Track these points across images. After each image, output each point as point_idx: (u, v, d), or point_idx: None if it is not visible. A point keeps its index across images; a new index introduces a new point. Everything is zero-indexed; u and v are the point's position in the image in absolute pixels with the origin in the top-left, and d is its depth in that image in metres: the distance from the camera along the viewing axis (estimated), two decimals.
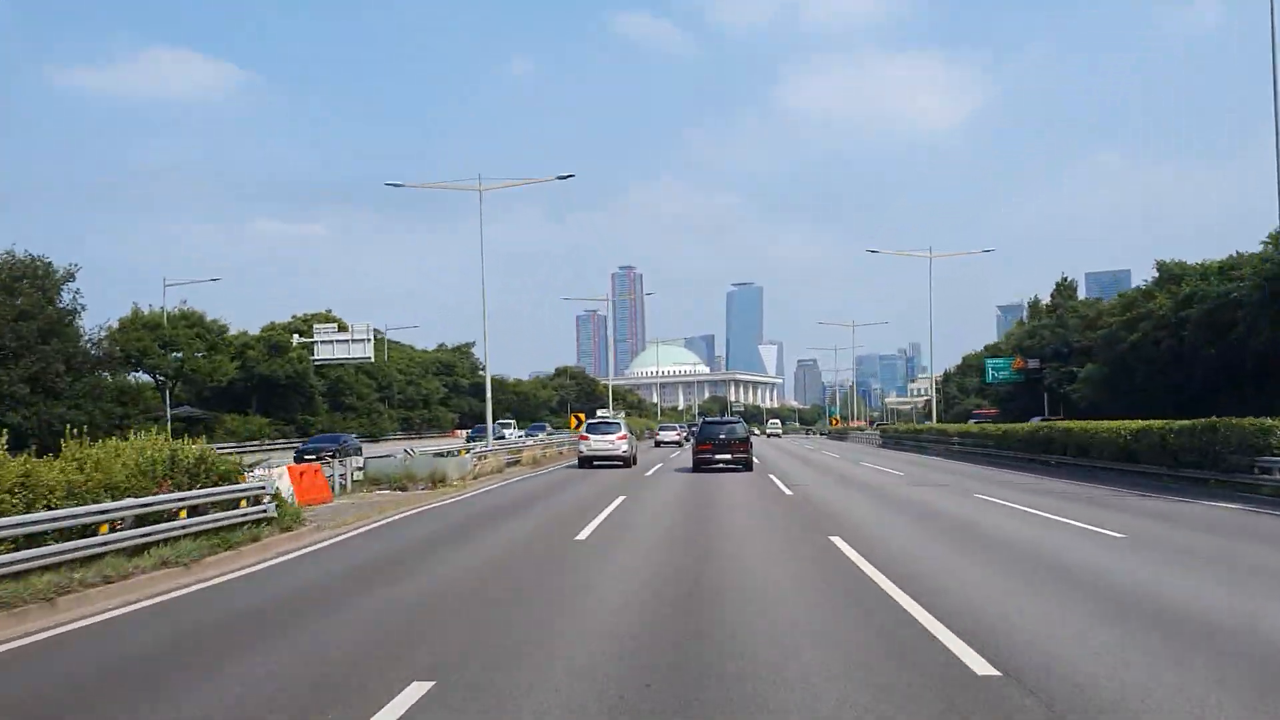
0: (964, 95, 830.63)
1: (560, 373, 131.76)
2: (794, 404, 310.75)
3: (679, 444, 59.76)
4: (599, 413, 55.10)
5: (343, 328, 63.21)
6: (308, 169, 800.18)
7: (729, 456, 29.98)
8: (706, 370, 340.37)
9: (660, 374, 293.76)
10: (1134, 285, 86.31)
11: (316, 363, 63.05)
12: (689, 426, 76.21)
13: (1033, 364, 71.31)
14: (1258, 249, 40.81)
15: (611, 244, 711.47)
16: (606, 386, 53.92)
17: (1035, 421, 40.55)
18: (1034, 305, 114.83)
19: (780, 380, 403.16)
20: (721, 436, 30.60)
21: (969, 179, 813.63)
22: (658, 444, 61.79)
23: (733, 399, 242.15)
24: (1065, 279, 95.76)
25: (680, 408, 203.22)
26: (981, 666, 6.64)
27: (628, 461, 33.45)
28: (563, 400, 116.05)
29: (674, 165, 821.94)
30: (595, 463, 33.30)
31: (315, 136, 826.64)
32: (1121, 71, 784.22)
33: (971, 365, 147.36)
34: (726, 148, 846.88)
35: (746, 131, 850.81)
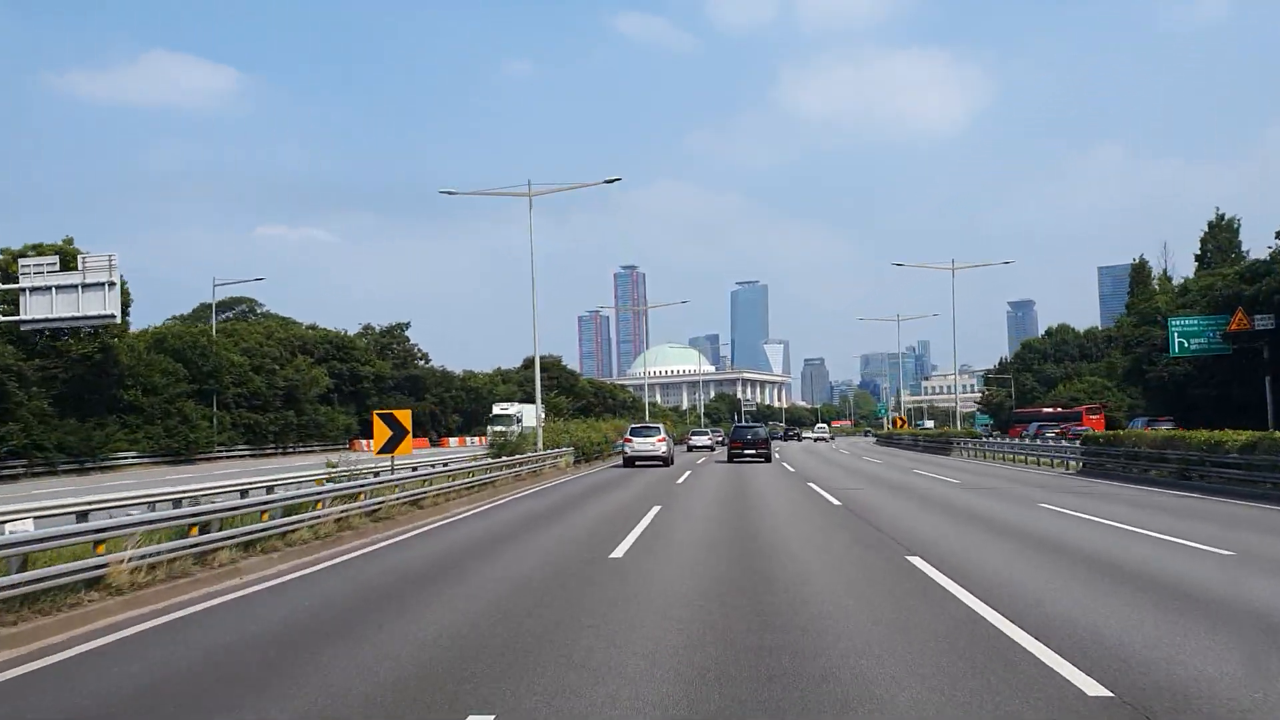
0: (966, 93, 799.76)
1: (529, 364, 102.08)
2: (802, 403, 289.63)
3: (711, 448, 57.35)
4: (496, 407, 32.26)
5: (69, 263, 35.07)
6: (306, 171, 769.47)
7: (754, 452, 40.57)
8: (711, 369, 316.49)
9: (665, 373, 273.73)
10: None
11: (22, 325, 34.94)
12: (723, 432, 77.27)
13: (1264, 322, 43.19)
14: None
15: (613, 244, 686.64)
16: (535, 377, 35.67)
17: None
18: (1139, 268, 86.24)
19: (789, 379, 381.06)
20: (749, 437, 42.36)
21: (970, 177, 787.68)
22: (690, 449, 57.21)
23: (741, 398, 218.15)
24: (1221, 216, 69.02)
25: (684, 408, 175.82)
26: None
27: (666, 461, 38.03)
28: (529, 398, 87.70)
29: (675, 165, 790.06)
30: (638, 462, 37.49)
31: (312, 138, 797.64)
32: (1123, 67, 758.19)
33: (1036, 352, 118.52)
34: (727, 147, 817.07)
35: (747, 130, 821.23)
